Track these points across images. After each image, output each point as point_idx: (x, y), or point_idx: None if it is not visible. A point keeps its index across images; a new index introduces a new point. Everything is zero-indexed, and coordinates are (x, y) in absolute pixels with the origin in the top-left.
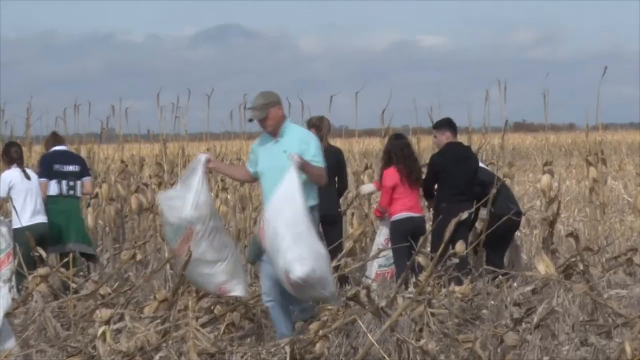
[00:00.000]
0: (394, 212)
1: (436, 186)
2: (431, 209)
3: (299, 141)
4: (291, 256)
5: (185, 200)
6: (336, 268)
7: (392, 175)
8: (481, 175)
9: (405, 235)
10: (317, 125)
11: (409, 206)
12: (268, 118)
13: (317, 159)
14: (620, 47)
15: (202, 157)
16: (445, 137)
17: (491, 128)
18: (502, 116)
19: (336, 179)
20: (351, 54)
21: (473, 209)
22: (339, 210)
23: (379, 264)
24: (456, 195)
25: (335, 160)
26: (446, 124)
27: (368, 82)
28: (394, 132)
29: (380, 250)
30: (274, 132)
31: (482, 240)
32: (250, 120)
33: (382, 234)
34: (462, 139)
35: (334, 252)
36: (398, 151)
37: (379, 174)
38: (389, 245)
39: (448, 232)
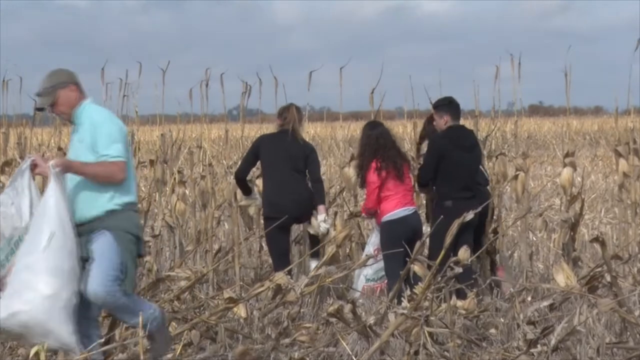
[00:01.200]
0: (384, 211)
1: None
2: (426, 208)
3: (91, 128)
4: (6, 293)
5: (21, 206)
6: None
7: (372, 172)
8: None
9: (399, 239)
10: (281, 115)
11: (403, 202)
12: (58, 103)
13: (108, 152)
14: None
15: (27, 161)
16: (443, 122)
17: (502, 111)
18: (516, 97)
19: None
20: (336, 22)
21: (480, 209)
22: (312, 212)
23: (366, 277)
24: (462, 190)
25: (302, 154)
26: (446, 105)
27: (355, 56)
28: (385, 115)
29: (367, 258)
30: (69, 119)
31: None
32: (40, 109)
33: (372, 243)
34: (467, 124)
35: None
36: (373, 142)
37: (360, 179)
38: (380, 255)
39: (450, 235)
